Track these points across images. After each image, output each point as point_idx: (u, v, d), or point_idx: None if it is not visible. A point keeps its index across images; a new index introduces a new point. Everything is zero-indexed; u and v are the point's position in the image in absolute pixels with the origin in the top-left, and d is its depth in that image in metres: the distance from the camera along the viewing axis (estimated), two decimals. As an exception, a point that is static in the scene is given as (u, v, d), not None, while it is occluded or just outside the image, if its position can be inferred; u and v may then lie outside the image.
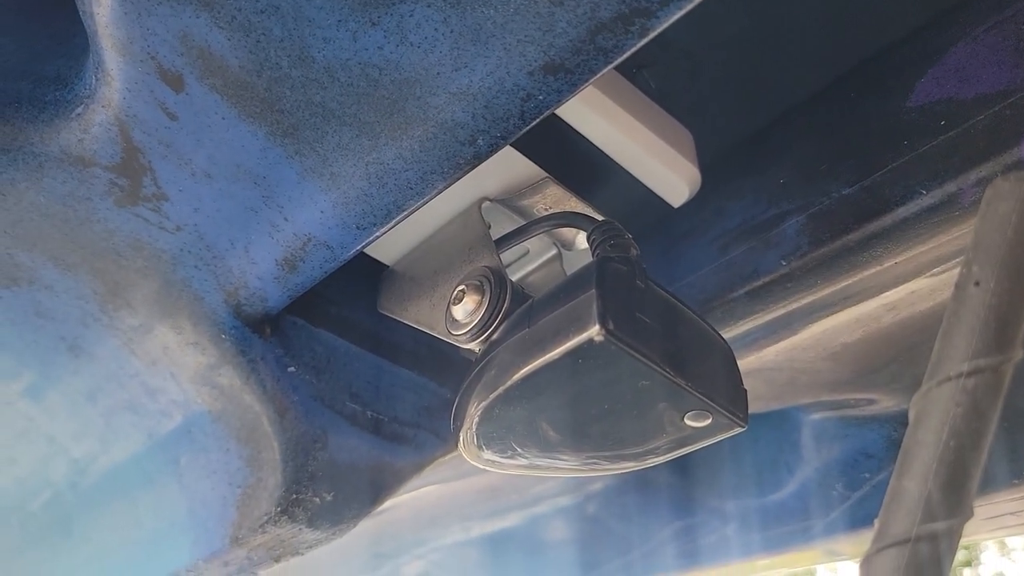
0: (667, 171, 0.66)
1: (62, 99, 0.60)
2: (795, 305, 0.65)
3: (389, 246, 0.72)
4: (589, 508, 1.02)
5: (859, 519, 0.90)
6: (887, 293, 0.65)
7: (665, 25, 0.47)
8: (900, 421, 0.84)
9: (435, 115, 0.52)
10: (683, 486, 0.99)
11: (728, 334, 0.68)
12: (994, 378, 0.36)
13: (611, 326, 0.48)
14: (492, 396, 0.53)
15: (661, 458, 0.58)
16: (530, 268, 0.72)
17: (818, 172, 0.63)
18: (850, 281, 0.62)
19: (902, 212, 0.57)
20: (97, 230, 0.65)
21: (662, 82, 0.67)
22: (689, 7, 0.46)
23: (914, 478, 0.37)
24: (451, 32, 0.49)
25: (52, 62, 0.62)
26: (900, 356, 0.76)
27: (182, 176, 0.60)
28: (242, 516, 0.74)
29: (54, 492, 0.90)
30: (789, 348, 0.72)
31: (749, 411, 0.58)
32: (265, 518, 0.71)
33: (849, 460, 0.88)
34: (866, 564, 0.37)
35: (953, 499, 0.36)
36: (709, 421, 0.53)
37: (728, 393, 0.54)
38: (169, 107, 0.56)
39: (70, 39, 0.63)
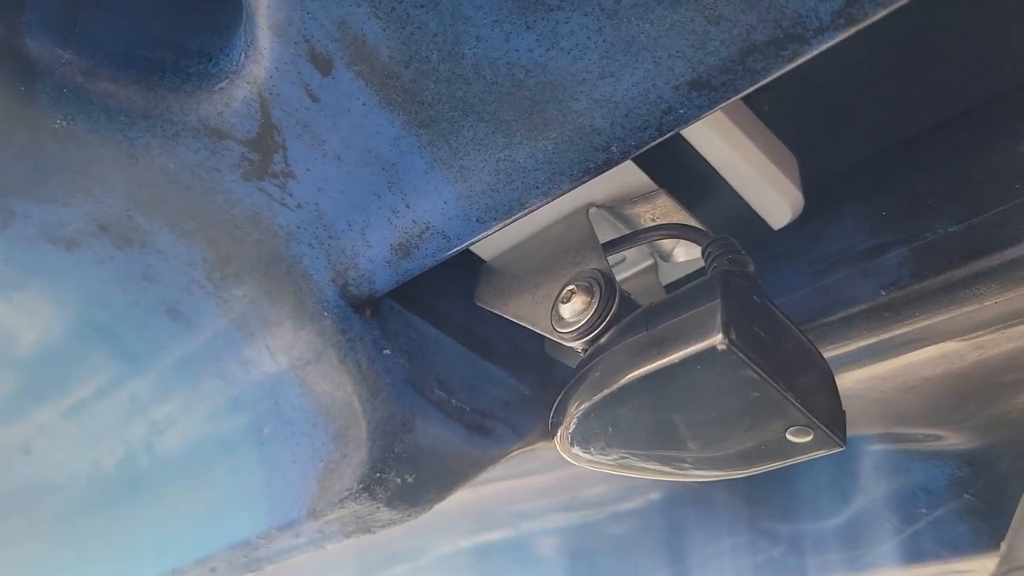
0: (772, 192, 0.68)
1: (205, 72, 0.63)
2: (887, 335, 0.66)
3: (489, 241, 0.74)
4: (643, 517, 1.03)
5: (910, 554, 0.91)
6: (980, 332, 0.66)
7: (816, 52, 0.49)
8: (965, 460, 0.85)
9: (574, 119, 0.54)
10: (736, 504, 1.01)
11: (817, 357, 0.70)
12: None
13: (734, 336, 0.50)
14: (601, 394, 0.55)
15: (755, 469, 0.59)
16: (625, 275, 0.74)
17: (924, 207, 0.65)
18: (947, 316, 0.63)
19: (1010, 254, 0.59)
20: (219, 200, 0.68)
21: (774, 104, 0.69)
22: (843, 36, 0.48)
23: (1044, 506, 0.38)
24: (603, 41, 0.51)
25: (197, 36, 0.65)
26: (976, 395, 0.77)
27: (313, 156, 0.62)
28: (323, 489, 0.76)
29: (128, 450, 0.92)
30: (871, 377, 0.74)
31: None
32: (346, 493, 0.73)
33: (907, 494, 0.89)
34: (991, 585, 0.38)
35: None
36: (810, 438, 0.55)
37: (830, 412, 0.56)
38: (313, 89, 0.59)
39: (215, 15, 0.65)
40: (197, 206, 0.69)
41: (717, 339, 0.50)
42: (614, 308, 0.60)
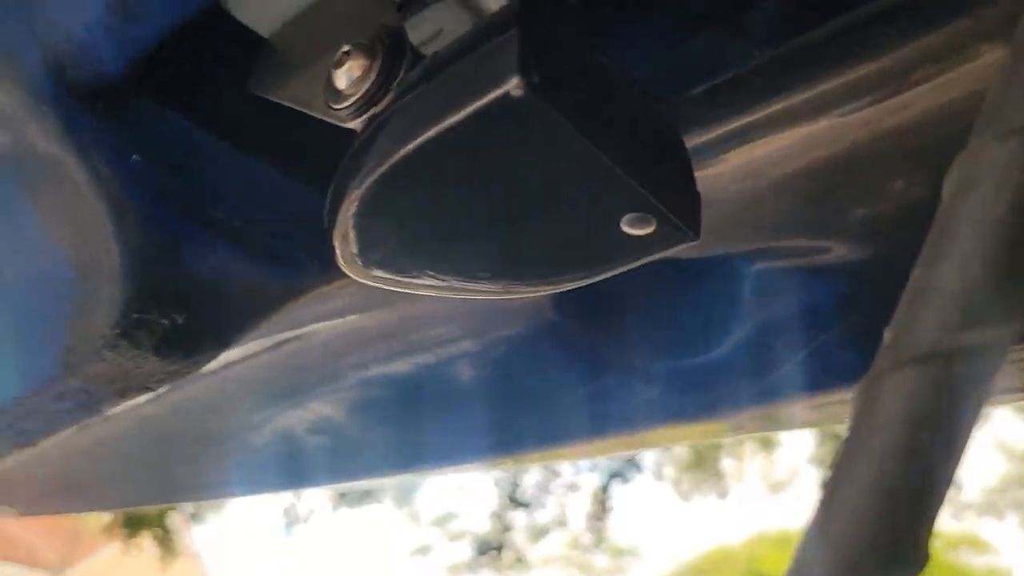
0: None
1: None
2: (765, 111, 0.53)
3: (269, 14, 0.57)
4: (498, 356, 0.91)
5: (800, 385, 0.81)
6: (868, 102, 0.53)
7: None
8: (852, 274, 0.74)
9: None
10: (602, 341, 0.89)
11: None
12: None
13: (535, 79, 0.35)
14: (372, 178, 0.40)
15: (591, 276, 0.46)
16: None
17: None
18: (838, 81, 0.50)
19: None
20: None
21: None
22: None
23: (951, 267, 0.25)
24: None
25: None
26: (863, 192, 0.65)
27: None
28: (76, 338, 0.61)
29: None
30: (739, 174, 0.61)
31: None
32: (101, 341, 0.58)
33: (793, 317, 0.78)
34: (873, 385, 0.26)
35: (1007, 296, 0.25)
36: (652, 228, 0.42)
37: (678, 195, 0.42)
38: None
39: None
40: None
41: (512, 83, 0.35)
42: (401, 73, 0.45)
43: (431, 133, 0.38)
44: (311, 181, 0.63)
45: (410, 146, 0.38)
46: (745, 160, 0.59)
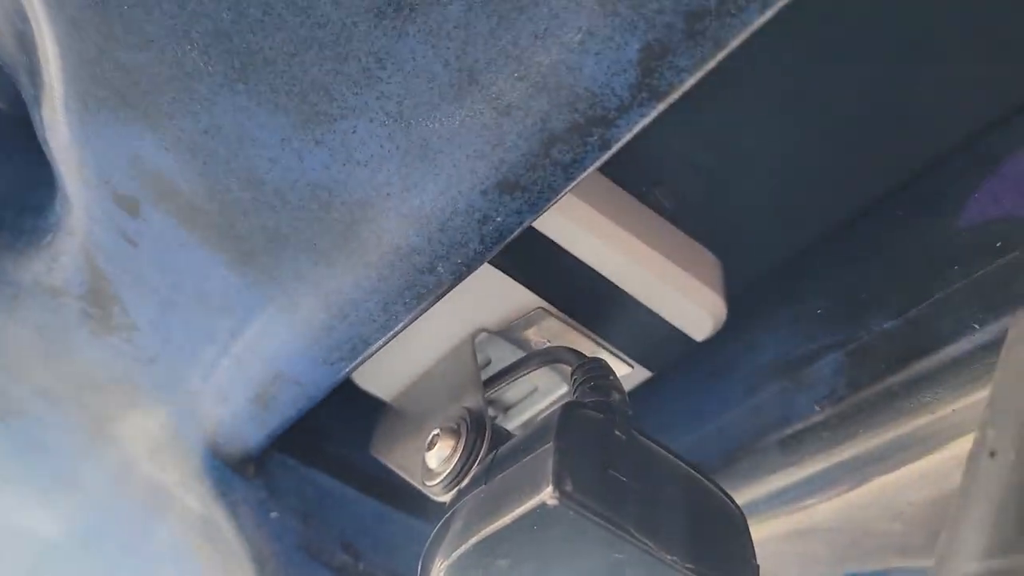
0: (686, 301, 0.58)
1: (36, 228, 0.58)
2: (837, 458, 0.55)
3: (388, 381, 0.66)
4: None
5: None
6: (952, 445, 0.54)
7: (630, 135, 0.40)
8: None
9: (390, 240, 0.47)
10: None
11: (762, 489, 0.59)
12: (1014, 588, 0.27)
13: (568, 487, 0.40)
14: (448, 561, 0.45)
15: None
16: (541, 407, 0.65)
17: (858, 302, 0.54)
18: (899, 432, 0.51)
19: (952, 351, 0.48)
20: (77, 361, 0.62)
21: (679, 201, 0.60)
22: (654, 112, 0.39)
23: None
24: (397, 148, 0.44)
25: (38, 191, 0.61)
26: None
27: (149, 305, 0.56)
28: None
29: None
30: (844, 507, 0.62)
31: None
32: None
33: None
34: None
35: None
36: (705, 604, 0.44)
37: (731, 569, 0.44)
38: (129, 233, 0.53)
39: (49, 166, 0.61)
40: (57, 369, 0.63)
41: (546, 493, 0.40)
42: (482, 452, 0.51)
43: (487, 532, 0.43)
44: (436, 523, 0.69)
45: (472, 540, 0.43)
46: (849, 499, 0.60)
